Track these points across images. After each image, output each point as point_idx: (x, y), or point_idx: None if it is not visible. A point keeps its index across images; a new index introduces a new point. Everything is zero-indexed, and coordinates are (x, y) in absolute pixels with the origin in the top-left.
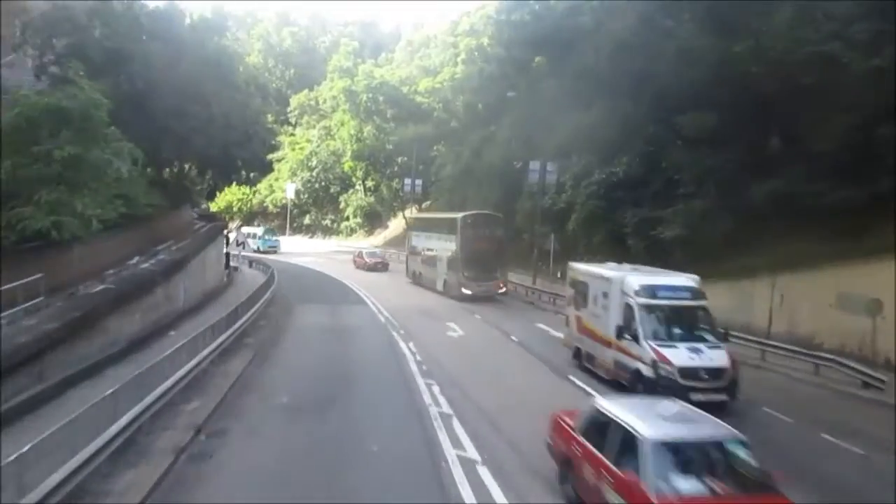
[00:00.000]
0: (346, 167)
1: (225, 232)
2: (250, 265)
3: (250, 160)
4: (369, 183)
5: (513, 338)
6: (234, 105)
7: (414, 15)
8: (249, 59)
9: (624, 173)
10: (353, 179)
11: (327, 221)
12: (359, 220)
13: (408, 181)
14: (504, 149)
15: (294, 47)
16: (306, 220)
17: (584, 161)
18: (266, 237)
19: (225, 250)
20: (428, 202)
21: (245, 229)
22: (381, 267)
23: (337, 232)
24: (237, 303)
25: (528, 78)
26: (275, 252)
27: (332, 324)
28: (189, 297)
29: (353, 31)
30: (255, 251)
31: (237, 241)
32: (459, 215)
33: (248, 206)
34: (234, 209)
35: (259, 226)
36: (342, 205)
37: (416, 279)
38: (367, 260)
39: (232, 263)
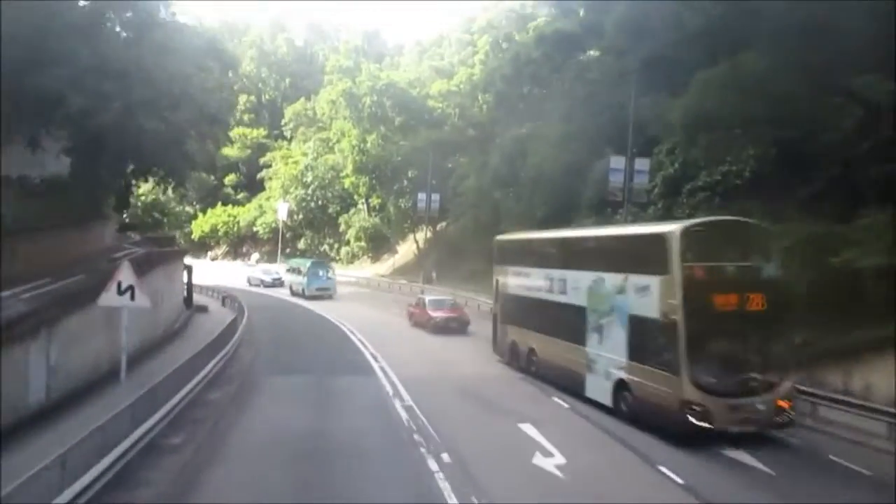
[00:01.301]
0: (346, 183)
1: (185, 262)
2: (223, 303)
3: (176, 139)
4: (374, 201)
5: (666, 471)
6: (148, 49)
7: (419, 26)
8: (241, 67)
9: (752, 171)
10: (356, 197)
11: (325, 246)
12: (362, 243)
13: (422, 196)
14: (553, 148)
15: (290, 55)
16: (301, 245)
17: (681, 158)
18: (316, 272)
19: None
20: (444, 223)
21: (294, 262)
22: (455, 325)
23: (336, 258)
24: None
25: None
26: (329, 296)
27: (312, 433)
28: (69, 377)
29: (355, 39)
30: (300, 294)
31: (120, 288)
32: (675, 228)
33: (236, 229)
34: (220, 233)
35: (306, 256)
36: (342, 227)
37: (521, 361)
38: (434, 314)
39: (201, 300)
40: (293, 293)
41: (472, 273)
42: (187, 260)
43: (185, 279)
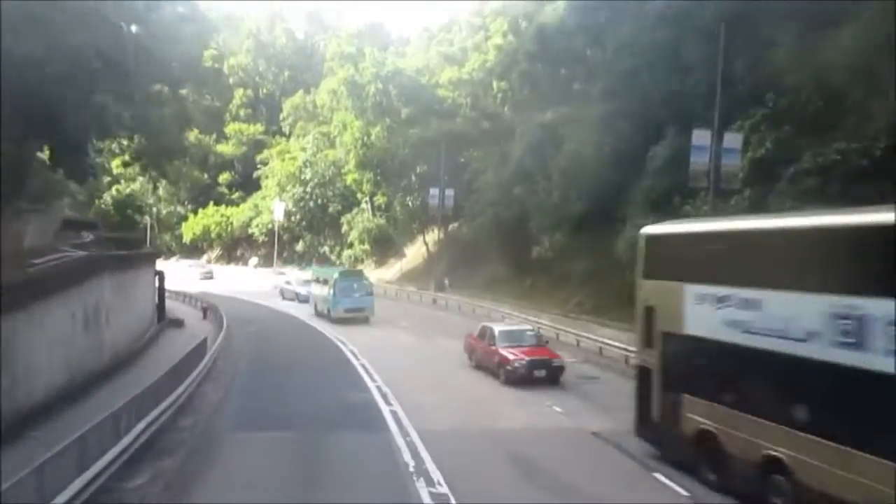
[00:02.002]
0: (348, 180)
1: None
2: (204, 315)
3: (66, 75)
4: (379, 199)
5: None
6: None
7: (424, 18)
8: (237, 60)
9: (883, 149)
10: (359, 195)
11: (326, 249)
12: (366, 246)
13: (434, 192)
14: (593, 132)
15: (289, 47)
16: (299, 247)
17: (773, 136)
18: (347, 287)
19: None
20: (457, 223)
21: (319, 270)
22: (543, 374)
23: (338, 262)
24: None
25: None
26: (364, 317)
27: None
28: None
29: (359, 28)
30: (324, 314)
31: None
32: None
33: (229, 231)
34: (213, 235)
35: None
36: (344, 228)
37: (729, 474)
38: (508, 354)
39: (181, 309)
40: (318, 312)
41: (491, 279)
42: (187, 262)
43: (160, 287)
